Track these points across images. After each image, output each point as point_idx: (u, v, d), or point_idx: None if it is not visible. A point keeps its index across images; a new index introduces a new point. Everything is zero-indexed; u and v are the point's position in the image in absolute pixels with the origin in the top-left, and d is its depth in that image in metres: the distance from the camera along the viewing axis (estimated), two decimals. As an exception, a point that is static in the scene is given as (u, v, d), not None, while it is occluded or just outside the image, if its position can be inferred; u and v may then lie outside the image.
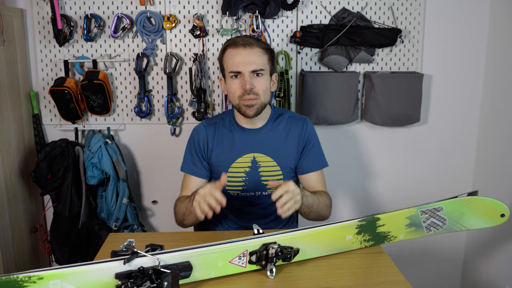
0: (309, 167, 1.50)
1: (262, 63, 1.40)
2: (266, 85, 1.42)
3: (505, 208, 1.22)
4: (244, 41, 1.40)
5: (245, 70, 1.38)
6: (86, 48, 1.99)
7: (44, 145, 2.03)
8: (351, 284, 1.05)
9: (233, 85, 1.42)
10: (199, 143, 1.51)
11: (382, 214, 1.20)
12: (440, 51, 2.08)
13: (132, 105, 2.04)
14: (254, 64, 1.39)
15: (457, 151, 2.19)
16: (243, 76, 1.39)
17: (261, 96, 1.40)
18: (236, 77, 1.41)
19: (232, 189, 1.51)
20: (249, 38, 1.42)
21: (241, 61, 1.38)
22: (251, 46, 1.39)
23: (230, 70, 1.41)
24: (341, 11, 1.98)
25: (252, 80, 1.39)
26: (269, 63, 1.44)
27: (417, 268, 2.28)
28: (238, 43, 1.40)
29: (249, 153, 1.49)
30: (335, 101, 1.98)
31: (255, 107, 1.41)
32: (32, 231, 2.04)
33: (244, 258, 1.06)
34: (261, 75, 1.41)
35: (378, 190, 2.22)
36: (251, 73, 1.39)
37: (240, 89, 1.40)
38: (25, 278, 0.86)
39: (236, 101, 1.42)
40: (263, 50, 1.41)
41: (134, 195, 2.15)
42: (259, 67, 1.39)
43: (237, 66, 1.39)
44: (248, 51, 1.39)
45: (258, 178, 1.49)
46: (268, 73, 1.44)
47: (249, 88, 1.38)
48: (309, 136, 1.51)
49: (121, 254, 0.94)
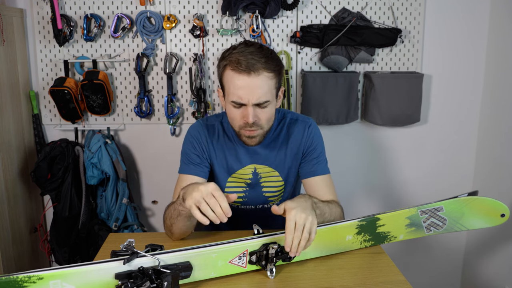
0: (312, 171, 1.36)
1: (268, 92, 1.21)
2: (271, 113, 1.27)
3: (505, 208, 1.22)
4: (248, 66, 1.17)
5: (249, 102, 1.20)
6: (86, 48, 1.99)
7: (44, 145, 2.03)
8: (351, 284, 1.05)
9: (234, 113, 1.25)
10: (200, 142, 1.38)
11: (382, 214, 1.20)
12: (440, 51, 2.08)
13: (132, 105, 2.04)
14: (259, 96, 1.20)
15: (457, 151, 2.19)
16: (246, 108, 1.22)
17: (264, 126, 1.27)
18: (237, 105, 1.23)
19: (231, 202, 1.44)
20: (255, 59, 1.18)
21: (244, 92, 1.19)
22: (256, 72, 1.18)
23: (231, 100, 1.23)
24: (341, 11, 1.98)
25: (256, 112, 1.22)
26: (276, 86, 1.25)
27: (417, 268, 2.28)
28: (240, 69, 1.18)
29: (250, 164, 1.39)
30: (335, 101, 1.98)
31: (257, 138, 1.29)
32: (32, 231, 2.04)
33: (244, 258, 1.06)
34: (266, 106, 1.23)
35: (378, 190, 2.22)
36: (256, 105, 1.22)
37: (241, 120, 1.24)
38: (25, 278, 0.86)
39: (236, 128, 1.29)
40: (271, 74, 1.20)
41: (134, 195, 2.15)
42: (264, 99, 1.21)
43: (240, 97, 1.20)
44: (252, 78, 1.18)
45: (260, 189, 1.40)
46: (275, 98, 1.27)
47: (252, 121, 1.22)
48: (312, 140, 1.38)
49: (121, 254, 0.94)
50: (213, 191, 1.02)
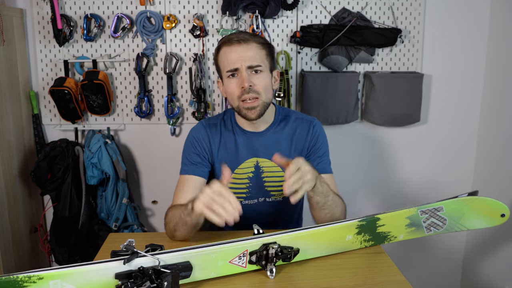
0: (316, 169, 1.36)
1: (259, 58, 1.30)
2: (266, 82, 1.31)
3: (505, 208, 1.22)
4: (238, 37, 1.30)
5: (242, 66, 1.28)
6: (86, 48, 1.99)
7: (44, 145, 2.03)
8: (351, 284, 1.05)
9: (231, 85, 1.31)
10: (201, 142, 1.40)
11: (382, 214, 1.20)
12: (440, 51, 2.08)
13: (132, 105, 2.04)
14: (251, 59, 1.28)
15: (457, 151, 2.19)
16: (241, 73, 1.29)
17: (262, 94, 1.30)
18: (233, 76, 1.31)
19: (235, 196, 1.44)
20: (244, 34, 1.32)
21: (237, 57, 1.28)
22: (246, 41, 1.29)
23: (226, 69, 1.31)
24: (341, 11, 1.98)
25: (250, 78, 1.29)
26: (267, 58, 1.33)
27: (417, 268, 2.28)
28: (232, 40, 1.30)
29: (252, 157, 1.40)
30: (335, 101, 1.98)
31: (257, 109, 1.30)
32: (32, 231, 2.04)
33: (244, 258, 1.06)
34: (260, 72, 1.30)
35: (378, 190, 2.22)
36: (249, 70, 1.29)
37: (238, 88, 1.29)
38: (25, 278, 0.86)
39: (236, 102, 1.32)
40: (260, 45, 1.31)
41: (134, 195, 2.15)
42: (256, 63, 1.29)
43: (233, 63, 1.28)
44: (243, 47, 1.29)
45: (262, 183, 1.41)
46: (268, 69, 1.33)
47: (247, 86, 1.27)
48: (316, 138, 1.41)
49: (121, 254, 0.94)
50: (219, 188, 1.03)
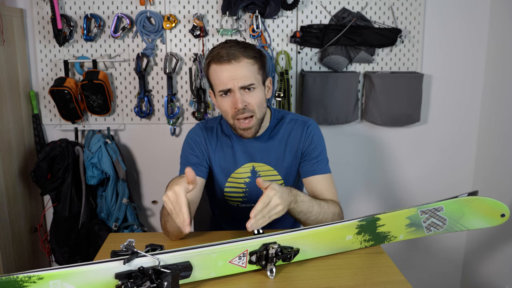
0: (312, 170, 1.37)
1: (252, 75, 1.26)
2: (259, 98, 1.29)
3: (505, 208, 1.22)
4: (228, 55, 1.24)
5: (235, 86, 1.25)
6: (86, 48, 1.99)
7: (44, 145, 2.03)
8: (351, 284, 1.05)
9: (225, 104, 1.28)
10: (198, 144, 1.40)
11: (382, 214, 1.20)
12: (440, 51, 2.08)
13: (132, 105, 2.04)
14: (243, 79, 1.25)
15: (457, 151, 2.19)
16: (234, 93, 1.26)
17: (256, 111, 1.28)
18: (226, 94, 1.27)
19: (232, 200, 1.43)
20: (234, 49, 1.25)
21: (228, 77, 1.24)
22: (237, 59, 1.24)
23: (219, 89, 1.28)
24: (341, 11, 1.98)
25: (244, 97, 1.26)
26: (259, 72, 1.30)
27: (417, 268, 2.28)
28: (222, 59, 1.24)
29: (248, 162, 1.40)
30: (335, 101, 1.98)
31: (253, 129, 1.30)
32: (32, 231, 2.04)
33: (244, 258, 1.06)
34: (253, 89, 1.27)
35: (378, 190, 2.22)
36: (242, 89, 1.26)
37: (232, 108, 1.27)
38: (25, 278, 0.86)
39: (231, 121, 1.31)
40: (251, 60, 1.27)
41: (134, 195, 2.15)
42: (249, 82, 1.25)
43: (225, 83, 1.25)
44: (234, 66, 1.24)
45: (258, 188, 1.40)
46: (261, 83, 1.31)
47: (241, 106, 1.25)
48: (311, 139, 1.39)
49: (121, 254, 0.94)
50: (176, 195, 1.01)
